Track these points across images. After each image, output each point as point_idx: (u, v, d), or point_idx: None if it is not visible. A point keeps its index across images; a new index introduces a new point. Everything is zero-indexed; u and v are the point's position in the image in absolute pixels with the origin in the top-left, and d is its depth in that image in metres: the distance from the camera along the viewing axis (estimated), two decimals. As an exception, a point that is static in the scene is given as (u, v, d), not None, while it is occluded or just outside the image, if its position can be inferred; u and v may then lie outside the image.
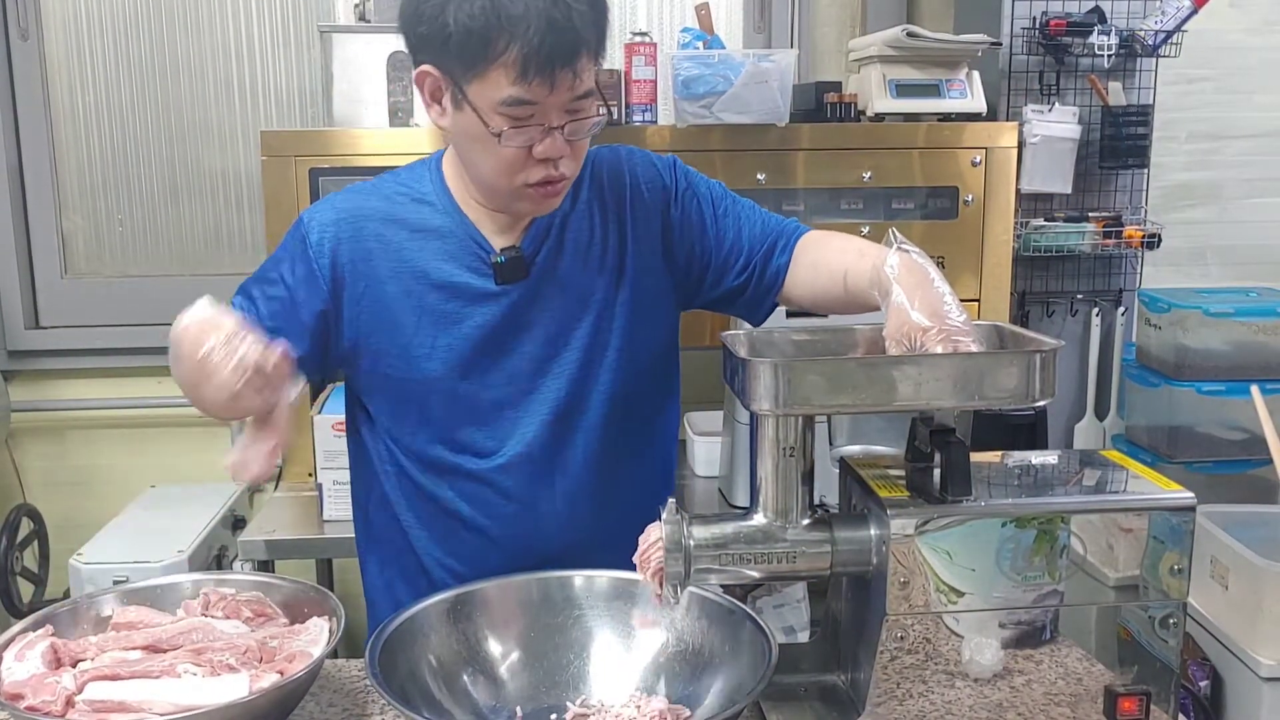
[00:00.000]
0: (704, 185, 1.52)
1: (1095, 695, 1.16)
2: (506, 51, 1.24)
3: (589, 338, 1.44)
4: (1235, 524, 1.63)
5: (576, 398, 1.44)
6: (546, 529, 1.46)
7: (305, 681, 1.22)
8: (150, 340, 2.89)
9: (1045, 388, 1.12)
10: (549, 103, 1.28)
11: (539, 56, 1.23)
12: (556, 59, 1.24)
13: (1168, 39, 2.53)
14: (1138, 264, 2.73)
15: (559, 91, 1.27)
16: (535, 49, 1.23)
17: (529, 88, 1.26)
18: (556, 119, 1.30)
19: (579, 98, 1.30)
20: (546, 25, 1.22)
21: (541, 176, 1.33)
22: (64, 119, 2.90)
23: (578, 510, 1.47)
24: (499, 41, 1.24)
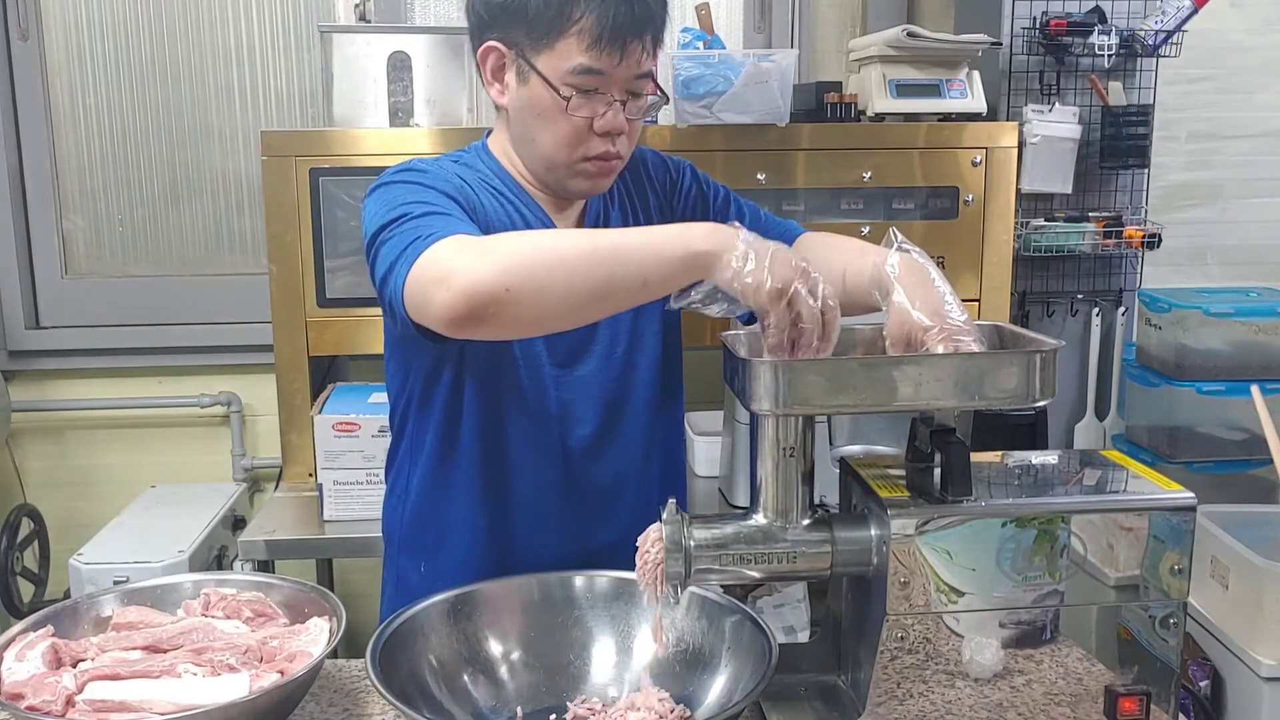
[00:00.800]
0: (708, 186, 1.57)
1: (1095, 695, 1.16)
2: (582, 19, 1.30)
3: (631, 330, 1.47)
4: (1235, 524, 1.62)
5: (625, 386, 1.48)
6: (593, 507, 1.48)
7: (305, 681, 1.22)
8: (151, 340, 2.90)
9: (1045, 388, 1.12)
10: (616, 74, 1.33)
11: (613, 26, 1.29)
12: (629, 29, 1.30)
13: (1168, 39, 2.53)
14: (1138, 264, 2.73)
15: (627, 64, 1.32)
16: (610, 18, 1.29)
17: (599, 57, 1.31)
18: (620, 93, 1.35)
19: (640, 76, 1.35)
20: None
21: (601, 150, 1.37)
22: (64, 119, 2.90)
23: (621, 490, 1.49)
24: (575, 9, 1.30)
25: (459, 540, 1.49)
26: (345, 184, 2.25)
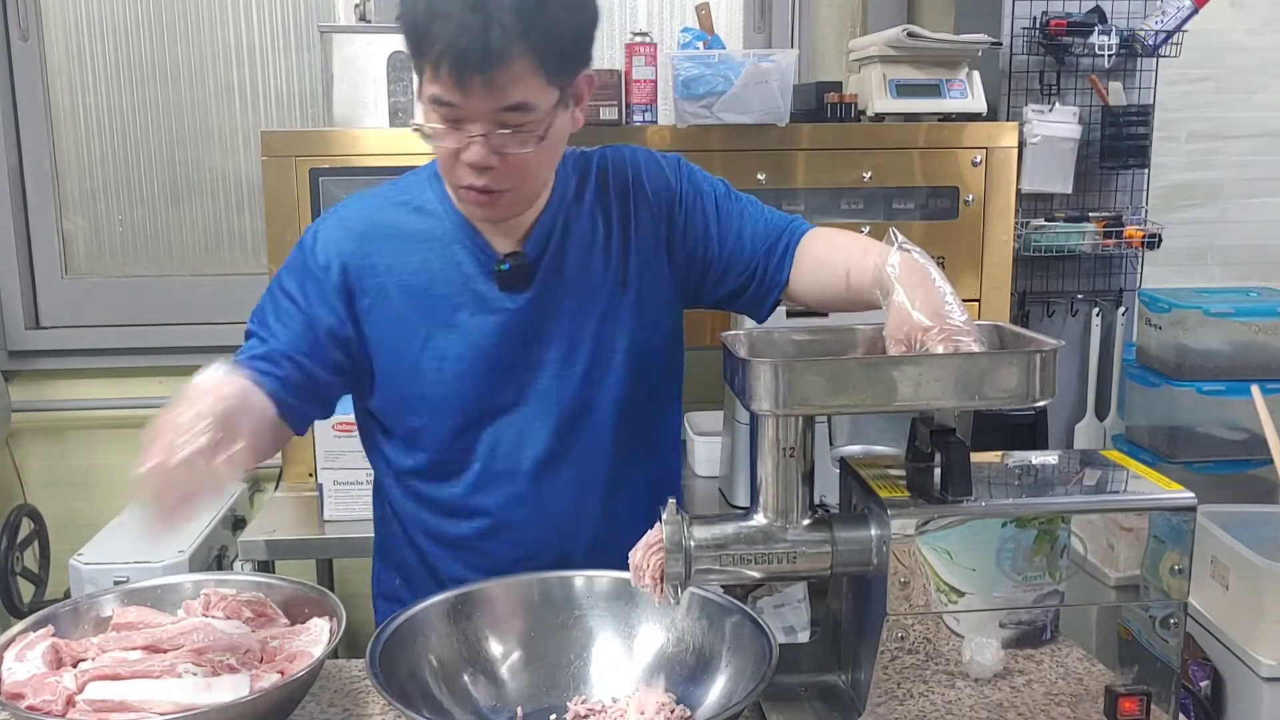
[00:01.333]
0: (708, 185, 1.52)
1: (1096, 695, 1.16)
2: (433, 49, 1.24)
3: (595, 341, 1.44)
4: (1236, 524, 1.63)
5: (585, 401, 1.44)
6: (556, 530, 1.46)
7: (306, 681, 1.22)
8: (151, 340, 2.90)
9: (1045, 388, 1.12)
10: (469, 108, 1.26)
11: (451, 59, 1.23)
12: (468, 65, 1.22)
13: (1168, 39, 2.53)
14: (1138, 264, 2.73)
15: (473, 98, 1.25)
16: (447, 50, 1.22)
17: (446, 88, 1.25)
18: (480, 127, 1.27)
19: (507, 109, 1.26)
20: (457, 29, 1.21)
21: (468, 181, 1.32)
22: (64, 119, 2.90)
23: (586, 510, 1.47)
24: (428, 38, 1.24)
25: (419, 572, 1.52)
26: (345, 184, 2.25)
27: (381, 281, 1.41)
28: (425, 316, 1.41)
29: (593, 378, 1.44)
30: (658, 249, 1.47)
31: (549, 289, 1.42)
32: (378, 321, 1.41)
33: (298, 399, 1.37)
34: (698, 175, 1.52)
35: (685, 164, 1.53)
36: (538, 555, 1.42)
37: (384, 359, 1.43)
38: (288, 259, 1.46)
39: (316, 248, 1.42)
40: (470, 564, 1.47)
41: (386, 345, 1.42)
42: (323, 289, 1.41)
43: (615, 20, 2.93)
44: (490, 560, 1.44)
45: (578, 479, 1.46)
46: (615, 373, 1.45)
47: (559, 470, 1.45)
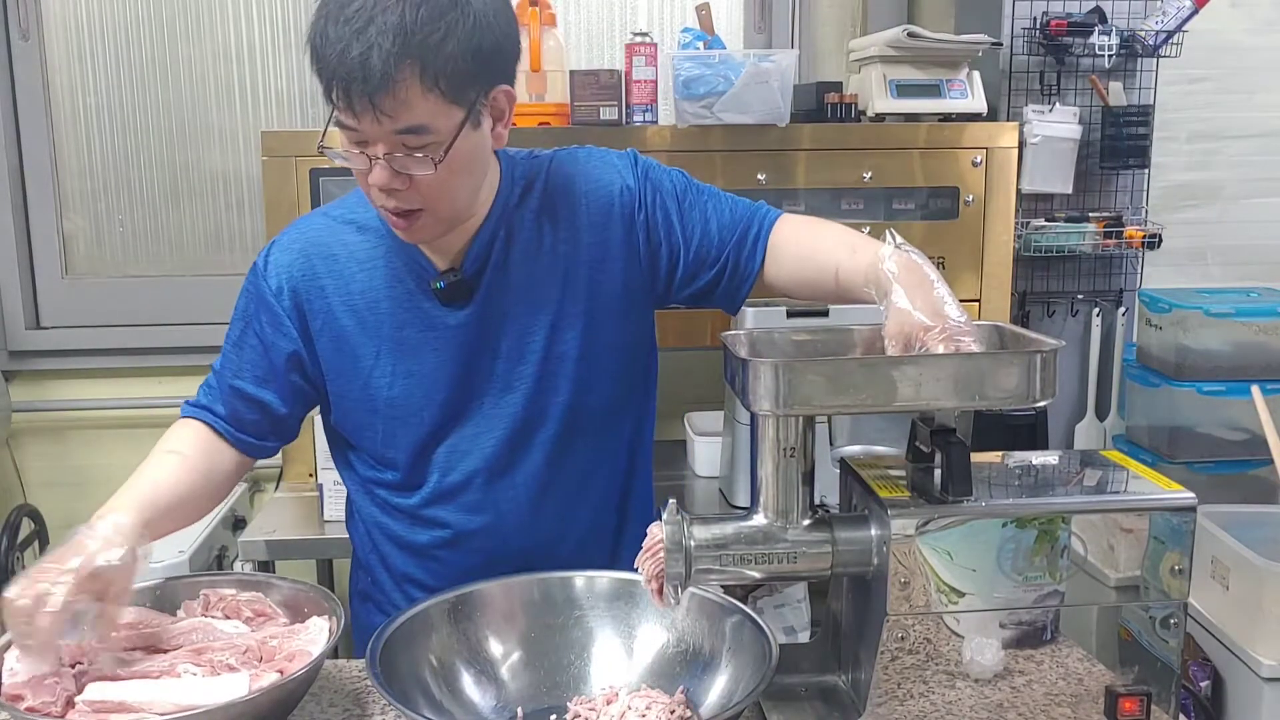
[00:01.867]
0: (667, 180, 1.47)
1: (1096, 695, 1.16)
2: (325, 73, 1.23)
3: (544, 350, 1.42)
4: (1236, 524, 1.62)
5: (535, 410, 1.43)
6: (515, 539, 1.46)
7: (305, 681, 1.22)
8: (151, 341, 2.90)
9: (1046, 388, 1.12)
10: (366, 131, 1.25)
11: (339, 84, 1.22)
12: (353, 90, 1.21)
13: (1168, 39, 2.53)
14: (1138, 264, 2.73)
15: (366, 123, 1.24)
16: (335, 75, 1.22)
17: (342, 112, 1.25)
18: (382, 148, 1.26)
19: (402, 132, 1.24)
20: (340, 55, 1.20)
21: (379, 204, 1.32)
22: (65, 119, 2.90)
23: (542, 514, 1.47)
24: (321, 62, 1.23)
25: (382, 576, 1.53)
26: (345, 184, 2.24)
27: (329, 303, 1.42)
28: (373, 336, 1.41)
29: (542, 387, 1.43)
30: (614, 252, 1.44)
31: (493, 301, 1.41)
32: (328, 343, 1.42)
33: (254, 435, 1.45)
34: (655, 172, 1.48)
35: (642, 161, 1.49)
36: (497, 564, 1.41)
37: (336, 380, 1.44)
38: (244, 285, 1.47)
39: (268, 273, 1.44)
40: (431, 571, 1.47)
41: (337, 366, 1.43)
42: (275, 314, 1.42)
43: (615, 20, 2.94)
44: (450, 569, 1.45)
45: (532, 488, 1.45)
46: (566, 381, 1.43)
47: (512, 480, 1.45)
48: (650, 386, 1.56)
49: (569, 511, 1.48)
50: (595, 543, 1.50)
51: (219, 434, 1.44)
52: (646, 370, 1.54)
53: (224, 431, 1.44)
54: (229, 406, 1.44)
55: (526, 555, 1.45)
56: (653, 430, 1.58)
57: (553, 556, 1.44)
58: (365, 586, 1.57)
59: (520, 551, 1.45)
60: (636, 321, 1.50)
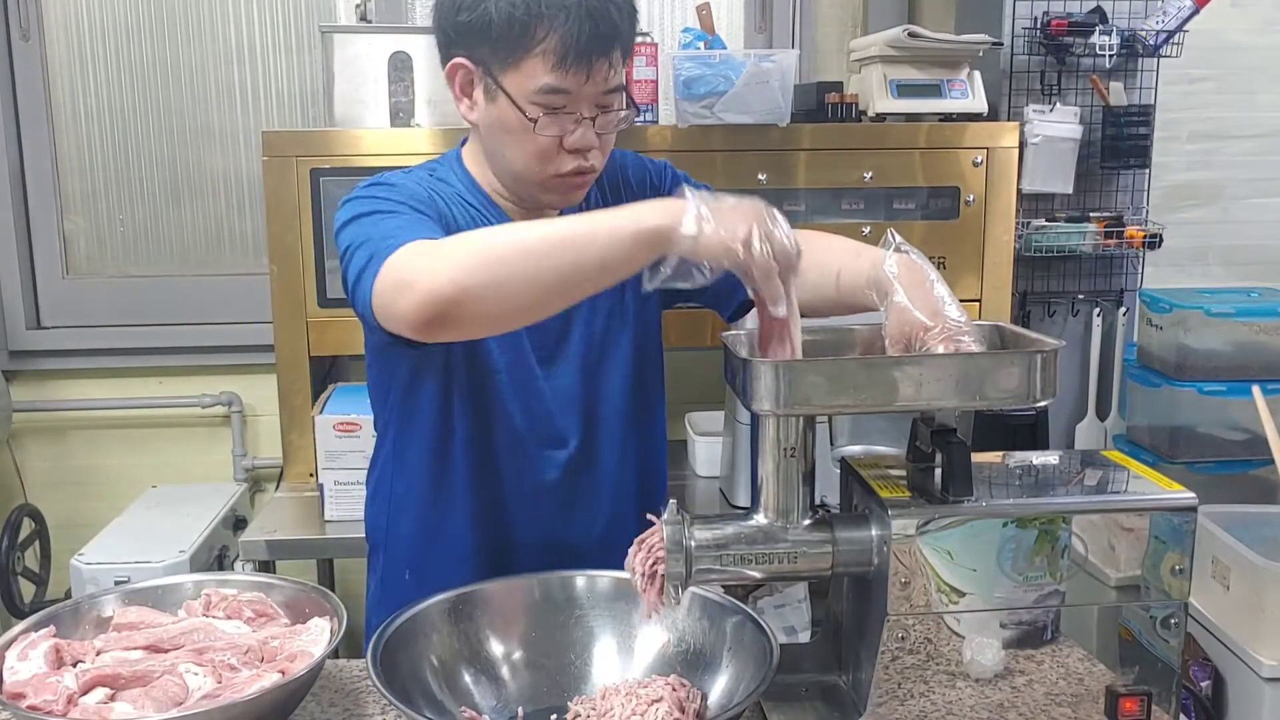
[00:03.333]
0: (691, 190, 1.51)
1: (1097, 695, 1.16)
2: (546, 39, 1.28)
3: (603, 334, 1.46)
4: (1236, 524, 1.62)
5: (598, 396, 1.46)
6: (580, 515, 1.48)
7: (306, 681, 1.22)
8: (151, 341, 2.90)
9: (1046, 388, 1.12)
10: (583, 93, 1.31)
11: (577, 45, 1.27)
12: (594, 49, 1.28)
13: (1169, 39, 2.53)
14: (1139, 264, 2.73)
15: (594, 81, 1.30)
16: (574, 38, 1.27)
17: (565, 76, 1.29)
18: (588, 110, 1.33)
19: (610, 91, 1.33)
20: (585, 14, 1.27)
21: (573, 167, 1.36)
22: (65, 119, 2.90)
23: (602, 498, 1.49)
24: (539, 29, 1.27)
25: (447, 552, 1.50)
26: (346, 184, 2.22)
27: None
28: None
29: (604, 372, 1.46)
30: None
31: None
32: None
33: None
34: (683, 180, 1.53)
35: (671, 168, 1.56)
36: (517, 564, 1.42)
37: None
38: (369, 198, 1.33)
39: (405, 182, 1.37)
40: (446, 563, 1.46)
41: None
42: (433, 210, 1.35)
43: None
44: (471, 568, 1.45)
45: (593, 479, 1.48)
46: (621, 369, 1.47)
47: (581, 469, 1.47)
48: (662, 386, 1.59)
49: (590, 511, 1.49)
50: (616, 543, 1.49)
51: None
52: (660, 369, 1.57)
53: None
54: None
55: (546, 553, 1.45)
56: (665, 431, 1.60)
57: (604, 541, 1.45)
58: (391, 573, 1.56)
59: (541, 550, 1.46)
60: (656, 316, 1.54)
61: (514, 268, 1.12)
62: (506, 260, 1.12)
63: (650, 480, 1.57)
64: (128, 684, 1.18)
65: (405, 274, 1.14)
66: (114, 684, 1.18)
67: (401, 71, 2.32)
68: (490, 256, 1.12)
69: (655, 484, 1.58)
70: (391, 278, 1.16)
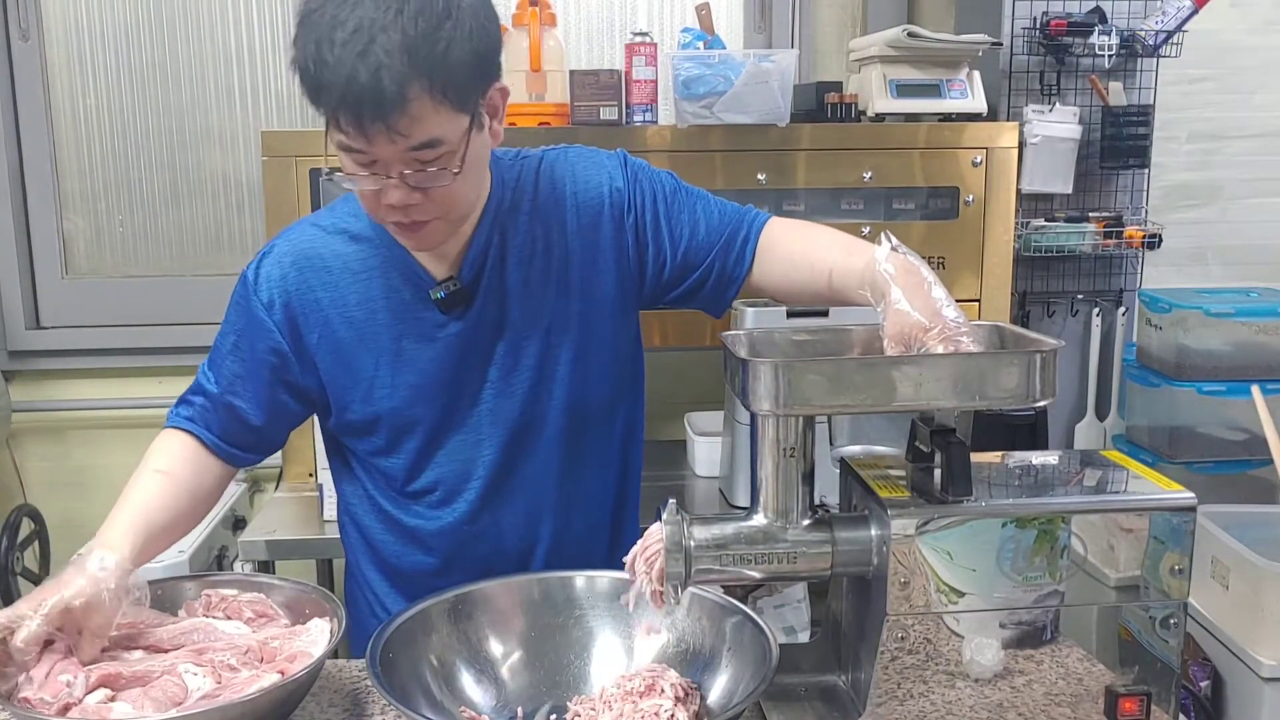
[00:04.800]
0: (656, 182, 1.46)
1: (1096, 695, 1.16)
2: (326, 99, 1.20)
3: (540, 354, 1.42)
4: (1236, 524, 1.62)
5: (532, 415, 1.43)
6: (507, 537, 1.46)
7: (306, 682, 1.22)
8: (151, 341, 2.90)
9: (1046, 388, 1.12)
10: (379, 153, 1.22)
11: (346, 109, 1.18)
12: (363, 116, 1.18)
13: (1168, 39, 2.53)
14: (1138, 264, 2.73)
15: (379, 145, 1.21)
16: (342, 100, 1.18)
17: (349, 137, 1.22)
18: (395, 168, 1.23)
19: (417, 149, 1.22)
20: (347, 80, 1.16)
21: (395, 220, 1.30)
22: (65, 120, 2.90)
23: (537, 521, 1.47)
24: (319, 92, 1.20)
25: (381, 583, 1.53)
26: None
27: (326, 315, 1.40)
28: (371, 347, 1.40)
29: (538, 392, 1.43)
30: (604, 254, 1.44)
31: (490, 306, 1.40)
32: (327, 354, 1.41)
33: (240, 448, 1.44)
34: (645, 173, 1.47)
35: (631, 162, 1.48)
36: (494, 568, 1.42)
37: (336, 390, 1.42)
38: (232, 297, 1.44)
39: (259, 286, 1.41)
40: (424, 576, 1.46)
41: (337, 377, 1.42)
42: (266, 329, 1.40)
43: (615, 20, 2.93)
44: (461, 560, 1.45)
45: (530, 492, 1.46)
46: (561, 385, 1.43)
47: (510, 485, 1.45)
48: (639, 387, 1.56)
49: (565, 514, 1.48)
50: (591, 544, 1.50)
51: (206, 446, 1.42)
52: (636, 371, 1.54)
53: (211, 444, 1.42)
54: (216, 420, 1.42)
55: (523, 558, 1.45)
56: (643, 430, 1.58)
57: (549, 559, 1.44)
58: (356, 589, 1.57)
59: (518, 555, 1.46)
60: (626, 322, 1.50)
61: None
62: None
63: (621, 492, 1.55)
64: (128, 684, 1.18)
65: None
66: (114, 684, 1.18)
67: (401, 72, 2.32)
68: None
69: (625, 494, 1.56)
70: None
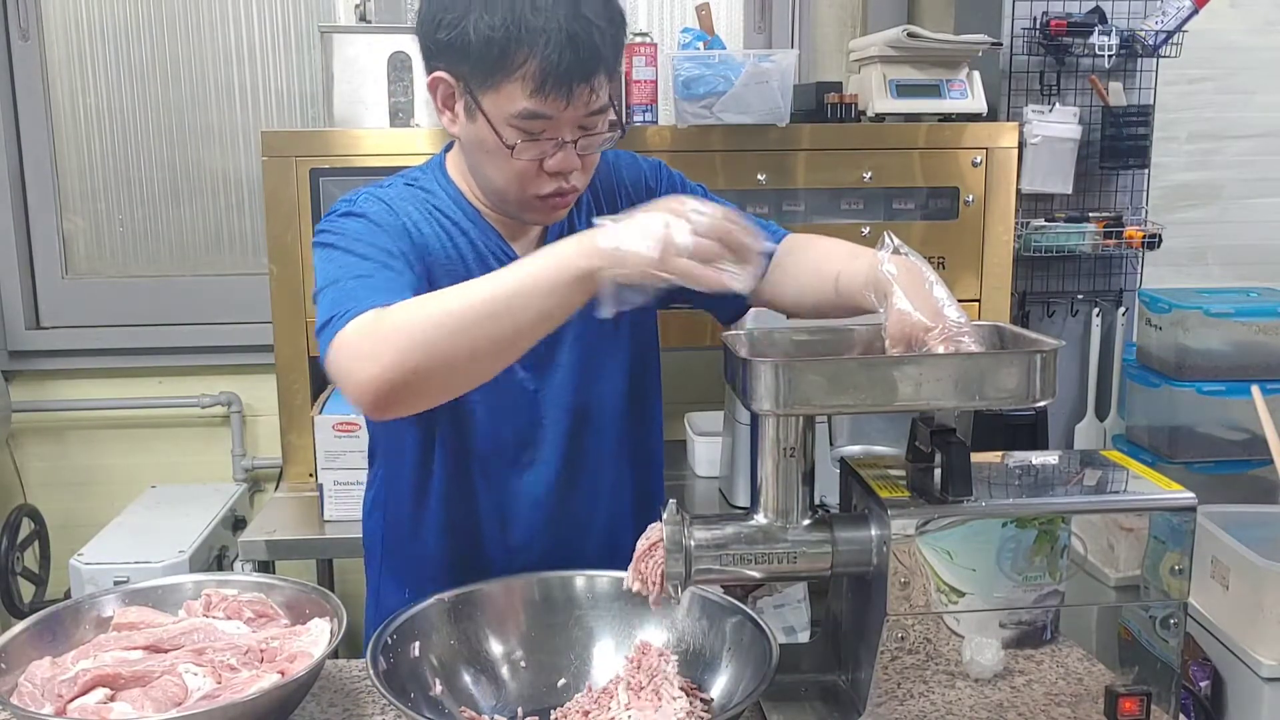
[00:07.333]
0: (687, 191, 1.50)
1: (1096, 695, 1.16)
2: (525, 64, 1.24)
3: (599, 341, 1.44)
4: (1236, 524, 1.62)
5: (592, 403, 1.45)
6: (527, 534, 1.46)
7: (306, 681, 1.22)
8: (151, 341, 2.90)
9: (1046, 388, 1.12)
10: (563, 117, 1.28)
11: (557, 71, 1.23)
12: (574, 74, 1.24)
13: (1168, 39, 2.53)
14: (1138, 264, 2.73)
15: (575, 107, 1.27)
16: (554, 64, 1.23)
17: (545, 102, 1.25)
18: (569, 133, 1.30)
19: (593, 113, 1.30)
20: (567, 40, 1.22)
21: (552, 189, 1.33)
22: (65, 119, 2.90)
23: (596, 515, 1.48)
24: (518, 54, 1.23)
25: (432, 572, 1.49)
26: (345, 184, 2.24)
27: (432, 261, 1.36)
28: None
29: (600, 376, 1.45)
30: None
31: None
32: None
33: None
34: (677, 180, 1.52)
35: (665, 168, 1.53)
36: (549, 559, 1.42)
37: None
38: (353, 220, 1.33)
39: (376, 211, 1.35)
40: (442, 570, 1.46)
41: None
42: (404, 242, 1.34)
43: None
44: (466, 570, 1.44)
45: (590, 483, 1.47)
46: (616, 376, 1.46)
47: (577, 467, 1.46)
48: (659, 385, 1.58)
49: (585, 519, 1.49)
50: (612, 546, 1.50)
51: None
52: (657, 369, 1.56)
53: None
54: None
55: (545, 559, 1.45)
56: (661, 431, 1.59)
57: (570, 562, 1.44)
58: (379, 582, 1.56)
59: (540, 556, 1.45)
60: (653, 319, 1.53)
61: (458, 339, 1.12)
62: (450, 333, 1.12)
63: (647, 484, 1.56)
64: (127, 684, 1.18)
65: (350, 360, 1.15)
66: (113, 684, 1.18)
67: (401, 71, 2.32)
68: (431, 333, 1.12)
69: (652, 488, 1.57)
70: (339, 359, 1.17)
